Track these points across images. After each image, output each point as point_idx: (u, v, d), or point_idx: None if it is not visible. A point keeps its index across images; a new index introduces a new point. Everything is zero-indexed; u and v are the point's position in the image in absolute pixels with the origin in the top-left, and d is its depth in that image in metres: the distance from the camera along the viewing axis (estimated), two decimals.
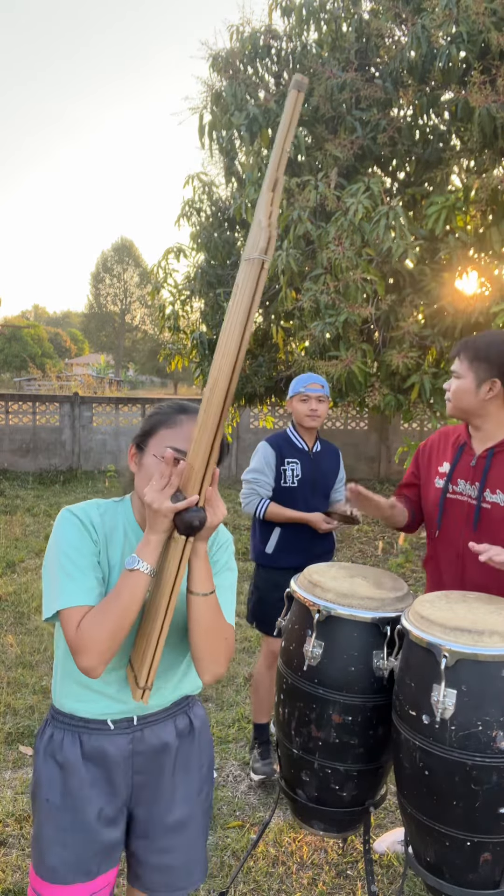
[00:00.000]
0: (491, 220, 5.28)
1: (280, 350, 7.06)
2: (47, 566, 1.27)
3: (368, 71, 5.91)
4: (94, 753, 1.32)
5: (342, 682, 1.66)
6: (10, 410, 10.46)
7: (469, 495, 1.98)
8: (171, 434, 1.26)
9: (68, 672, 1.32)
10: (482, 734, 1.38)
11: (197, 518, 1.16)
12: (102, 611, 1.18)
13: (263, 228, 1.15)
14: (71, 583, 1.22)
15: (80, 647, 1.18)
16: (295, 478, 2.75)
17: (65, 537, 1.26)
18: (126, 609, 1.17)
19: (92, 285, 52.83)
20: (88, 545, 1.26)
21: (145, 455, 1.28)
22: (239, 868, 2.11)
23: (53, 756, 1.33)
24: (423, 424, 10.25)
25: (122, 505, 1.35)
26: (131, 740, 1.34)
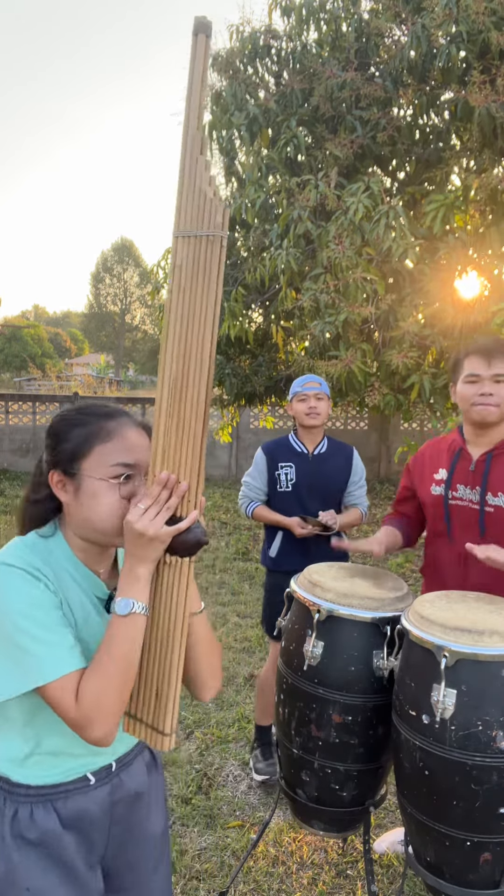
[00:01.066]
0: (490, 220, 5.28)
1: (280, 350, 7.06)
2: (2, 635, 1.01)
3: (368, 70, 5.91)
4: (73, 818, 1.13)
5: (342, 681, 1.66)
6: (10, 410, 10.46)
7: (471, 500, 1.98)
8: (112, 448, 1.09)
9: (34, 747, 1.11)
10: (482, 734, 1.38)
11: (202, 534, 1.05)
12: (103, 671, 1.02)
13: (210, 199, 1.02)
14: (48, 649, 1.01)
15: (90, 720, 1.00)
16: (289, 482, 2.75)
17: (20, 596, 1.02)
18: (130, 661, 1.03)
19: (92, 285, 52.90)
20: (49, 598, 1.05)
21: (84, 481, 1.08)
22: (239, 868, 2.11)
23: (22, 836, 1.10)
24: (423, 424, 10.25)
25: (55, 541, 1.13)
26: (110, 790, 1.19)
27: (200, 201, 1.03)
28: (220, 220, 1.03)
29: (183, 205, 1.04)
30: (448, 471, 2.04)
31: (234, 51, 6.28)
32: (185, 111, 1.04)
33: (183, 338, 1.04)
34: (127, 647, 1.03)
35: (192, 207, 1.04)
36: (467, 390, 1.94)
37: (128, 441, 1.10)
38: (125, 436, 1.11)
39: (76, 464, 1.09)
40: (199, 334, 1.04)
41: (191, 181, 1.04)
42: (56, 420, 1.15)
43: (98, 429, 1.10)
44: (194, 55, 1.03)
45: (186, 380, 1.04)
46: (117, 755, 1.22)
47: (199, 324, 1.04)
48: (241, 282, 6.33)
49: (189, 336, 1.04)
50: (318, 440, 2.82)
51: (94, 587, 1.15)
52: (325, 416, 2.77)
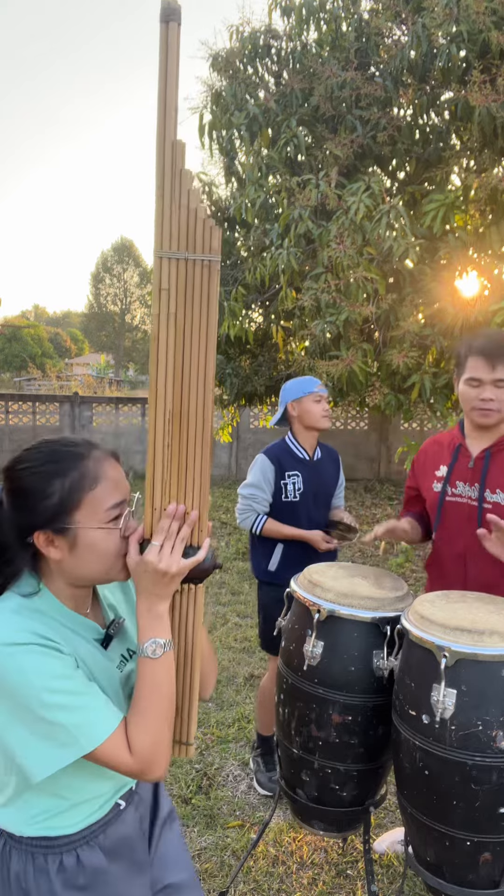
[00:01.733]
0: (490, 220, 5.28)
1: (280, 350, 7.06)
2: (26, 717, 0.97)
3: (368, 70, 5.90)
4: (115, 847, 1.15)
5: (342, 681, 1.66)
6: (10, 410, 10.46)
7: (469, 497, 1.98)
8: (103, 492, 1.04)
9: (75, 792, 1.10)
10: (482, 734, 1.38)
11: (215, 560, 1.07)
12: (151, 715, 1.02)
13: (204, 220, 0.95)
14: (87, 714, 0.98)
15: (149, 764, 1.01)
16: (297, 491, 2.60)
17: (39, 672, 0.97)
18: (171, 696, 1.05)
19: (92, 285, 52.88)
20: (67, 662, 1.01)
21: (80, 533, 1.02)
22: (239, 868, 2.11)
23: (74, 884, 1.09)
24: (424, 424, 10.25)
25: (42, 599, 1.06)
26: (136, 807, 1.22)
27: (191, 221, 0.95)
28: (215, 245, 0.95)
29: (165, 222, 0.95)
30: (448, 467, 2.05)
31: (234, 51, 6.28)
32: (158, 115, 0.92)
33: (178, 370, 0.99)
34: (167, 686, 1.05)
35: (180, 226, 0.96)
36: (469, 392, 1.93)
37: (112, 478, 1.06)
38: (108, 473, 1.06)
39: (66, 518, 1.02)
40: (198, 363, 0.99)
41: (173, 195, 0.94)
42: (22, 474, 1.04)
43: (80, 475, 1.03)
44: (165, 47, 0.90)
45: (186, 410, 1.00)
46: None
47: (197, 352, 0.98)
48: (241, 281, 6.33)
49: (186, 367, 0.99)
50: (315, 444, 2.70)
51: (91, 631, 1.13)
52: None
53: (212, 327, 0.99)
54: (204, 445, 1.02)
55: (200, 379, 1.00)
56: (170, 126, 0.92)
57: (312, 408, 2.61)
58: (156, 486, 1.03)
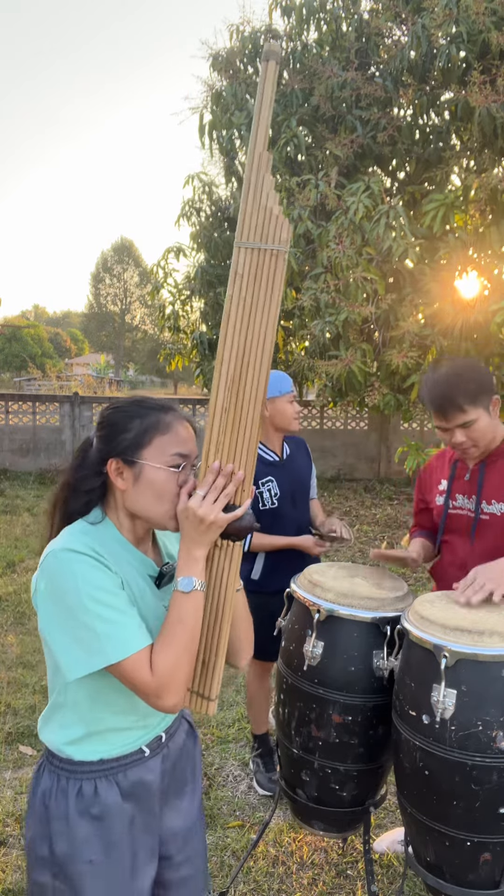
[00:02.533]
0: (490, 220, 5.28)
1: (280, 349, 7.06)
2: (69, 619, 1.09)
3: (368, 70, 5.91)
4: (133, 789, 1.22)
5: (342, 681, 1.66)
6: (10, 410, 10.46)
7: (468, 509, 2.01)
8: (170, 440, 1.17)
9: (96, 718, 1.20)
10: (482, 734, 1.38)
11: (253, 520, 1.15)
12: (174, 643, 1.10)
13: (276, 216, 1.11)
14: (120, 628, 1.09)
15: (165, 688, 1.09)
16: (274, 497, 2.46)
17: (88, 581, 1.09)
18: (195, 633, 1.12)
19: (92, 285, 52.85)
20: (114, 580, 1.13)
21: (144, 469, 1.16)
22: (239, 868, 2.11)
23: (88, 812, 1.18)
24: (423, 424, 10.25)
25: (104, 526, 1.21)
26: (162, 759, 1.28)
27: (266, 217, 1.12)
28: (284, 237, 1.11)
29: (248, 218, 1.12)
30: (447, 480, 2.08)
31: (235, 50, 6.28)
32: (252, 132, 1.12)
33: (241, 344, 1.13)
34: (192, 621, 1.12)
35: (258, 222, 1.12)
36: (442, 436, 1.96)
37: (182, 434, 1.19)
38: (179, 429, 1.19)
39: (137, 452, 1.16)
40: (260, 340, 1.13)
41: (256, 198, 1.12)
42: (111, 412, 1.21)
43: (157, 421, 1.18)
44: (263, 79, 1.10)
45: (244, 381, 1.14)
46: (166, 726, 1.30)
47: (259, 331, 1.13)
48: None
49: (248, 341, 1.13)
50: (282, 442, 2.56)
51: (146, 566, 1.24)
52: None
53: (275, 309, 1.12)
54: (255, 415, 1.13)
55: (259, 355, 1.13)
56: (260, 140, 1.11)
57: (286, 409, 2.45)
58: (212, 446, 1.15)
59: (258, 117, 1.12)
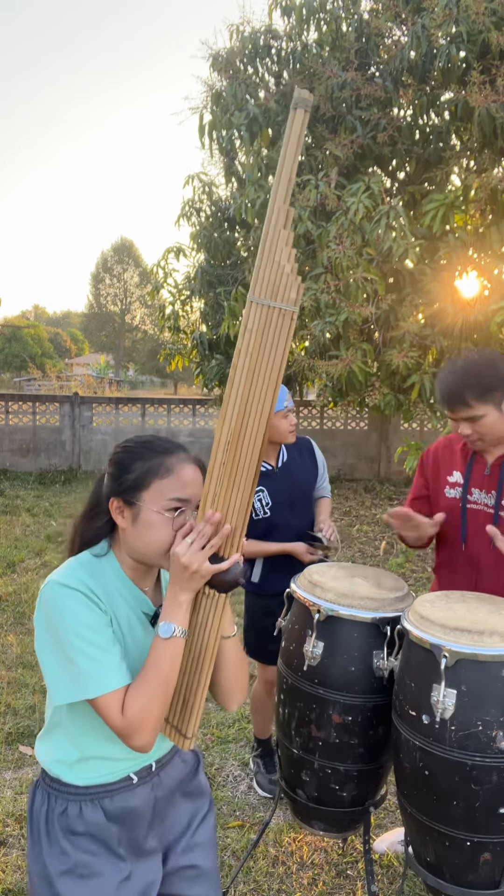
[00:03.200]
0: (490, 220, 5.28)
1: None
2: (56, 650, 1.14)
3: (368, 70, 5.91)
4: (118, 813, 1.24)
5: (342, 682, 1.66)
6: (10, 410, 10.46)
7: (486, 504, 1.97)
8: (170, 484, 1.18)
9: (87, 748, 1.23)
10: (482, 734, 1.38)
11: (241, 575, 1.14)
12: (147, 688, 1.12)
13: (287, 275, 1.09)
14: (98, 667, 1.12)
15: (133, 730, 1.11)
16: (266, 507, 2.50)
17: (76, 617, 1.13)
18: (170, 679, 1.14)
19: (92, 285, 52.81)
20: (100, 618, 1.15)
21: (142, 511, 1.18)
22: (239, 868, 2.11)
23: (71, 829, 1.22)
24: (423, 424, 10.25)
25: (107, 561, 1.24)
26: (151, 787, 1.29)
27: (278, 274, 1.10)
28: (293, 297, 1.10)
29: (261, 273, 1.11)
30: (464, 475, 2.03)
31: (235, 50, 6.28)
32: (276, 182, 1.09)
33: (245, 397, 1.13)
34: (168, 668, 1.13)
35: (270, 278, 1.11)
36: (452, 425, 1.99)
37: (184, 478, 1.19)
38: (182, 473, 1.20)
39: (136, 494, 1.19)
40: (261, 397, 1.13)
41: (271, 252, 1.10)
42: (119, 451, 1.25)
43: (158, 464, 1.20)
44: (290, 129, 1.07)
45: (243, 435, 1.14)
46: (157, 757, 1.31)
47: (262, 387, 1.13)
48: (241, 282, 6.33)
49: (251, 396, 1.13)
50: (278, 451, 2.57)
51: (142, 604, 1.26)
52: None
53: (279, 368, 1.12)
54: (251, 472, 1.14)
55: (260, 412, 1.13)
56: (281, 193, 1.08)
57: (280, 424, 2.44)
58: (208, 498, 1.15)
59: (282, 168, 1.07)
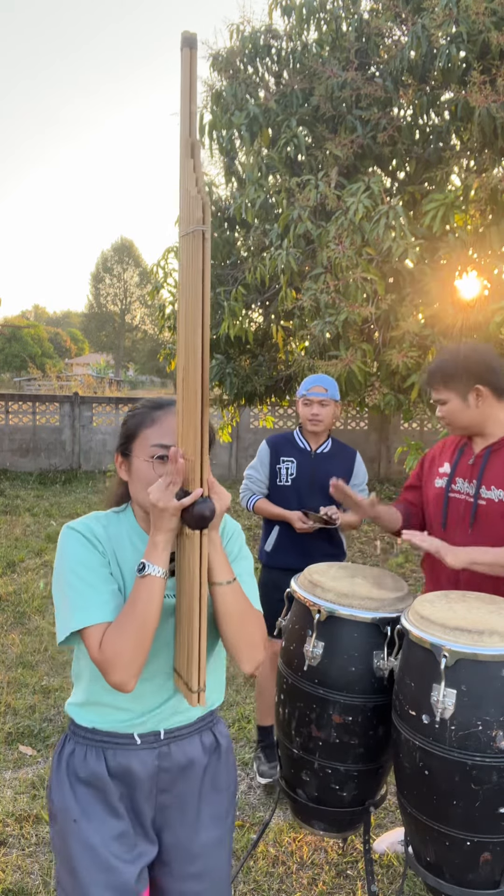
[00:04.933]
0: (490, 220, 5.28)
1: (280, 350, 7.06)
2: (57, 588, 1.23)
3: (368, 70, 5.90)
4: (119, 770, 1.27)
5: (342, 682, 1.66)
6: (10, 410, 10.46)
7: (467, 493, 2.02)
8: (153, 432, 1.25)
9: (93, 689, 1.28)
10: (482, 734, 1.38)
11: (207, 509, 1.14)
12: (121, 623, 1.16)
13: (194, 197, 1.09)
14: (83, 600, 1.18)
15: (107, 664, 1.15)
16: (289, 476, 2.76)
17: (70, 554, 1.22)
18: (144, 616, 1.15)
19: (92, 285, 52.79)
20: (96, 557, 1.22)
21: (133, 460, 1.27)
22: (239, 868, 2.11)
23: (76, 773, 1.27)
24: (423, 424, 10.25)
25: (125, 514, 1.32)
26: (157, 756, 1.29)
27: (187, 201, 1.11)
28: (199, 215, 1.08)
29: (181, 207, 1.13)
30: (451, 464, 2.10)
31: (235, 50, 6.28)
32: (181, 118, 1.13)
33: (186, 329, 1.14)
34: (142, 605, 1.15)
35: (184, 207, 1.12)
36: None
37: (166, 426, 1.25)
38: (164, 421, 1.25)
39: (129, 446, 1.28)
40: (194, 322, 1.11)
41: (183, 183, 1.13)
42: (126, 414, 1.34)
43: (146, 416, 1.28)
44: (183, 67, 1.12)
45: (188, 368, 1.13)
46: (168, 726, 1.30)
47: (193, 315, 1.11)
48: (241, 282, 6.33)
49: (187, 326, 1.13)
50: (321, 440, 2.83)
51: None
52: (330, 422, 2.76)
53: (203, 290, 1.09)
54: (197, 399, 1.11)
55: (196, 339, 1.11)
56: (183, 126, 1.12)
57: (301, 410, 2.78)
58: (179, 438, 1.18)
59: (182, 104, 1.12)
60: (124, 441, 1.29)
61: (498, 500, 1.94)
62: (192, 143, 1.12)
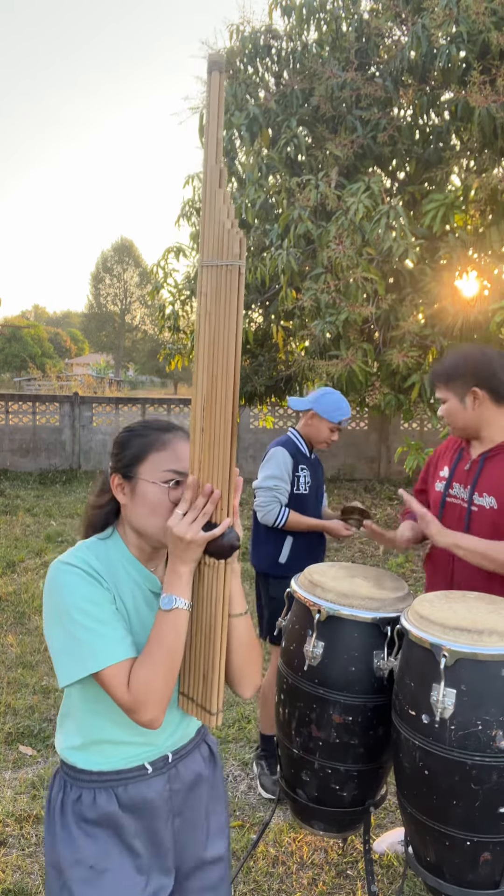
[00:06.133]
0: (490, 220, 5.28)
1: (280, 350, 7.06)
2: (59, 628, 1.15)
3: (368, 70, 5.90)
4: (132, 804, 1.22)
5: (342, 682, 1.66)
6: (10, 410, 10.46)
7: (462, 498, 2.04)
8: (166, 457, 1.21)
9: (94, 732, 1.22)
10: (482, 734, 1.38)
11: (236, 538, 1.13)
12: (151, 660, 1.12)
13: (230, 231, 1.09)
14: (102, 640, 1.12)
15: (138, 704, 1.11)
16: (306, 485, 2.73)
17: (73, 592, 1.14)
18: (174, 651, 1.13)
19: (92, 285, 52.77)
20: (102, 594, 1.16)
21: (139, 484, 1.21)
22: (239, 868, 2.11)
23: (84, 817, 1.20)
24: (423, 424, 10.25)
25: (112, 541, 1.26)
26: (168, 779, 1.26)
27: (220, 232, 1.11)
28: (237, 251, 1.10)
29: (206, 236, 1.12)
30: (450, 469, 2.12)
31: (235, 50, 6.28)
32: (205, 145, 1.11)
33: (211, 360, 1.13)
34: (171, 639, 1.13)
35: (214, 238, 1.11)
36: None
37: (179, 452, 1.22)
38: (177, 447, 1.22)
39: (134, 468, 1.22)
40: (224, 357, 1.12)
41: (211, 213, 1.11)
42: (122, 432, 1.29)
43: (155, 439, 1.23)
44: (210, 91, 1.10)
45: (215, 398, 1.13)
46: (174, 748, 1.29)
47: (224, 347, 1.12)
48: None
49: (216, 358, 1.13)
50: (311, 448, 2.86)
51: (148, 582, 1.25)
52: None
53: (236, 323, 1.11)
54: (227, 429, 1.12)
55: (226, 371, 1.12)
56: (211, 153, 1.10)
57: (322, 430, 2.73)
58: (194, 465, 1.16)
59: (209, 129, 1.10)
60: (129, 462, 1.22)
61: (489, 507, 1.95)
62: (220, 170, 1.10)
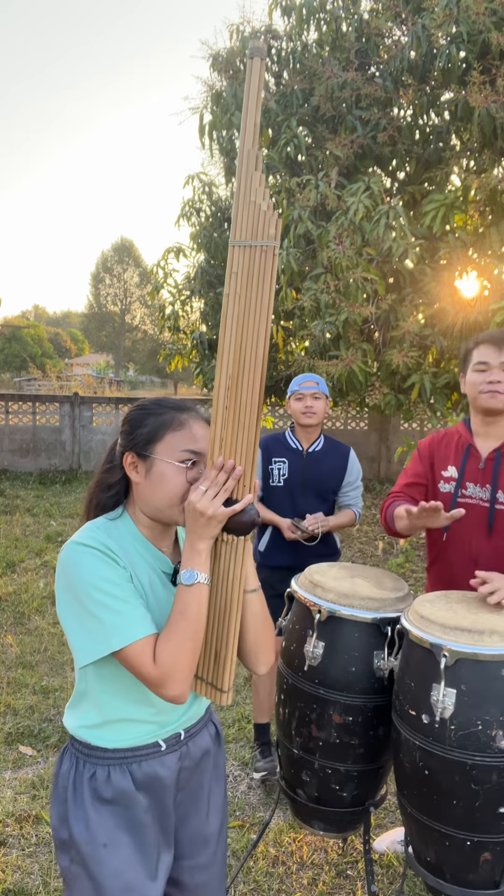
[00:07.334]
0: (490, 220, 5.29)
1: (280, 350, 7.06)
2: (77, 609, 1.15)
3: (368, 70, 5.91)
4: (146, 780, 1.24)
5: (343, 682, 1.66)
6: (10, 410, 10.46)
7: (480, 498, 1.97)
8: (183, 436, 1.21)
9: (113, 712, 1.23)
10: (482, 734, 1.38)
11: (255, 515, 1.15)
12: (176, 634, 1.13)
13: (264, 212, 1.12)
14: (124, 618, 1.13)
15: (166, 678, 1.11)
16: (281, 477, 2.77)
17: (91, 571, 1.14)
18: (198, 624, 1.14)
19: (92, 285, 52.76)
20: (119, 573, 1.17)
21: (155, 463, 1.21)
22: (239, 868, 2.11)
23: (101, 795, 1.22)
24: (423, 424, 10.25)
25: (122, 521, 1.26)
26: (179, 757, 1.29)
27: (255, 214, 1.14)
28: (272, 232, 1.12)
29: (239, 216, 1.15)
30: (458, 469, 2.03)
31: (235, 50, 6.28)
32: (242, 129, 1.14)
33: (238, 339, 1.15)
34: (195, 612, 1.14)
35: (248, 219, 1.14)
36: (476, 378, 1.96)
37: (195, 431, 1.23)
38: (193, 427, 1.23)
39: (149, 447, 1.22)
40: (254, 336, 1.14)
41: (246, 195, 1.14)
42: (134, 409, 1.28)
43: (171, 418, 1.23)
44: (249, 77, 1.12)
45: (242, 377, 1.15)
46: (186, 726, 1.31)
47: (254, 326, 1.14)
48: None
49: (244, 338, 1.15)
50: (313, 438, 2.82)
51: (160, 562, 1.27)
52: (322, 415, 2.77)
53: (268, 304, 1.14)
54: (254, 411, 1.15)
55: (255, 351, 1.14)
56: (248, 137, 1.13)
57: (294, 406, 2.78)
58: (216, 443, 1.17)
59: (246, 114, 1.13)
60: (144, 441, 1.22)
61: None
62: (256, 154, 1.13)
